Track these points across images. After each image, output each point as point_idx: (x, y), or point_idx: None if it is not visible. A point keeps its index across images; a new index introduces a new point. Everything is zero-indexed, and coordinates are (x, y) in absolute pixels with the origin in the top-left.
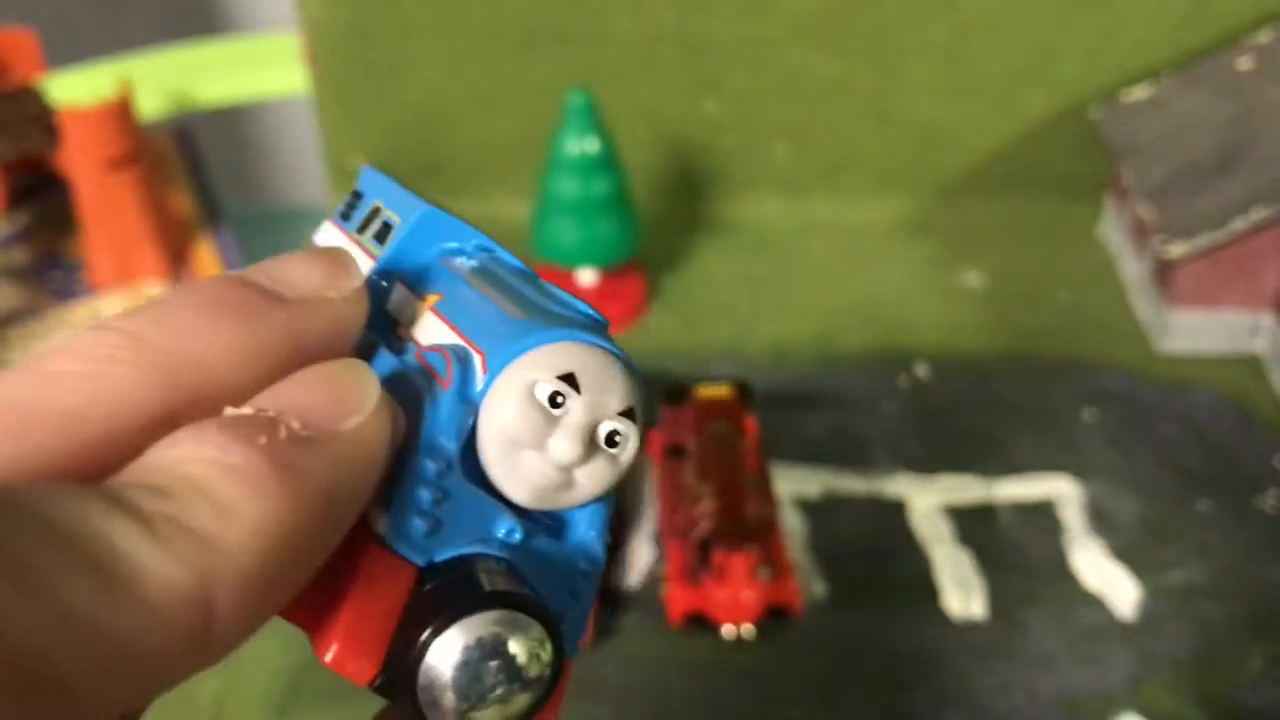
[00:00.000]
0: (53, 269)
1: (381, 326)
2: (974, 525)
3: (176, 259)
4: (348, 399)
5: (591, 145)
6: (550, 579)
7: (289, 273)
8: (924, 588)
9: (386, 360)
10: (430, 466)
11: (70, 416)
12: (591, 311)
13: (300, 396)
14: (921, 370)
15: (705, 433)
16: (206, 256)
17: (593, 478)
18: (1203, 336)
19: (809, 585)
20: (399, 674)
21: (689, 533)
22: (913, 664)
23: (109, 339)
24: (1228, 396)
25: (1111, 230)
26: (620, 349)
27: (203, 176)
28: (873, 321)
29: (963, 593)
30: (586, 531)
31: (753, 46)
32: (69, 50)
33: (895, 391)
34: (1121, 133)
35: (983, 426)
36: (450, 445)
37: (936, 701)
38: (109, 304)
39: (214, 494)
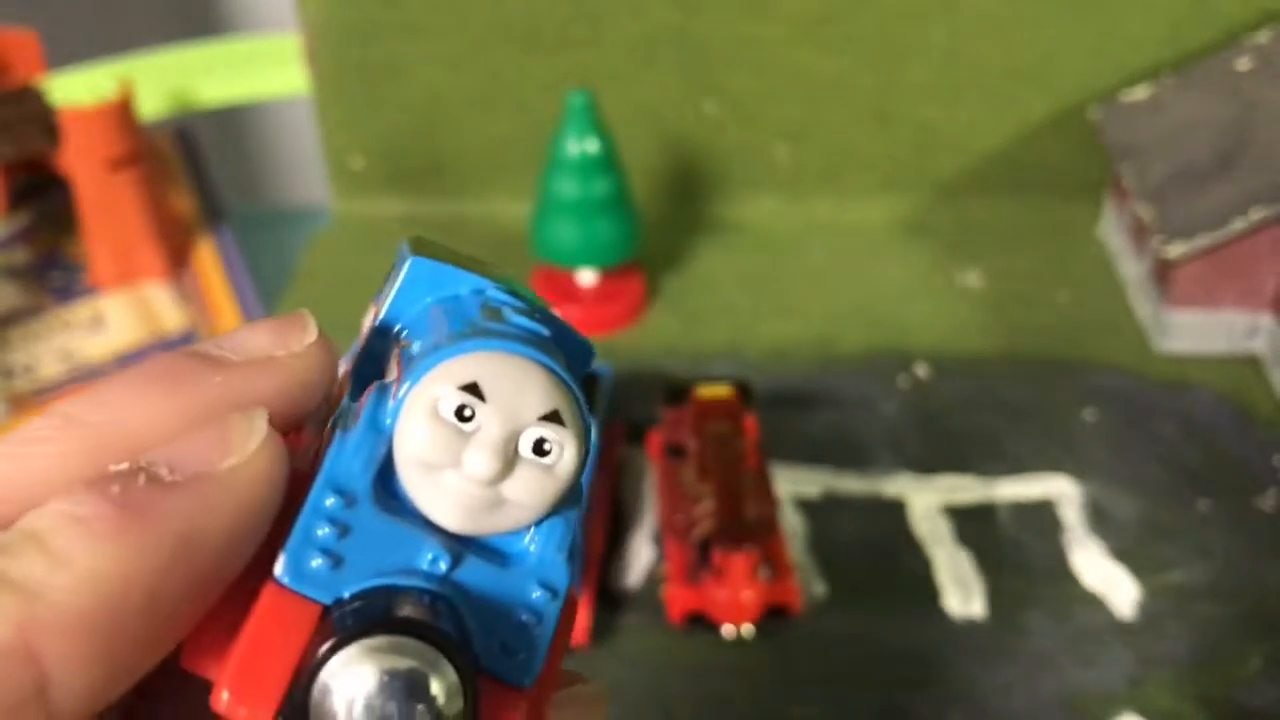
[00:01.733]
0: (53, 269)
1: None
2: (974, 525)
3: (177, 259)
4: (228, 442)
5: (591, 146)
6: (493, 607)
7: (238, 338)
8: (924, 588)
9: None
10: (329, 501)
11: None
12: (548, 329)
13: (183, 444)
14: (921, 370)
15: (705, 433)
16: (207, 256)
17: (526, 492)
18: (1202, 336)
19: (809, 585)
20: (294, 713)
21: (689, 533)
22: (912, 664)
23: (45, 422)
24: (1227, 396)
25: (1111, 230)
26: (547, 354)
27: (203, 177)
28: (872, 322)
29: (962, 593)
30: (545, 552)
31: (753, 46)
32: (70, 50)
33: (895, 392)
34: (1121, 133)
35: (982, 426)
36: (359, 479)
37: (936, 701)
38: (110, 304)
39: (49, 544)
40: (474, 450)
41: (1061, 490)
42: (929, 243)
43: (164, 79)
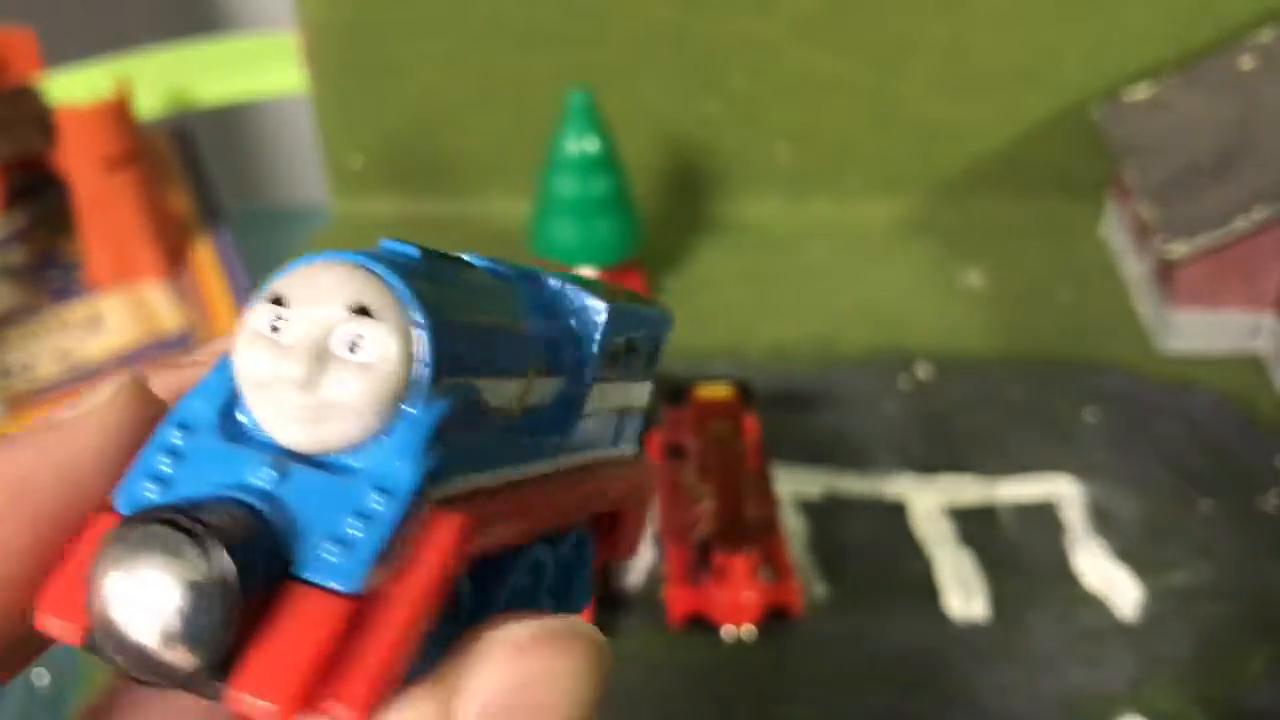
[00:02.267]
0: (51, 268)
1: None
2: (975, 526)
3: (175, 258)
4: (79, 398)
5: (591, 145)
6: (321, 515)
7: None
8: (925, 588)
9: None
10: (173, 436)
11: None
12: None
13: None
14: (922, 370)
15: (705, 433)
16: (205, 256)
17: (344, 391)
18: (1204, 336)
19: (810, 586)
20: (92, 622)
21: (689, 533)
22: (913, 665)
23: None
24: (1229, 396)
25: (1113, 230)
26: (375, 260)
27: (201, 176)
28: (873, 321)
29: (964, 593)
30: (385, 455)
31: (753, 46)
32: (67, 49)
33: (896, 392)
34: (1123, 132)
35: (984, 427)
36: (201, 411)
37: (937, 702)
38: (107, 303)
39: None
40: (282, 357)
41: (1063, 491)
42: (930, 242)
43: (162, 78)
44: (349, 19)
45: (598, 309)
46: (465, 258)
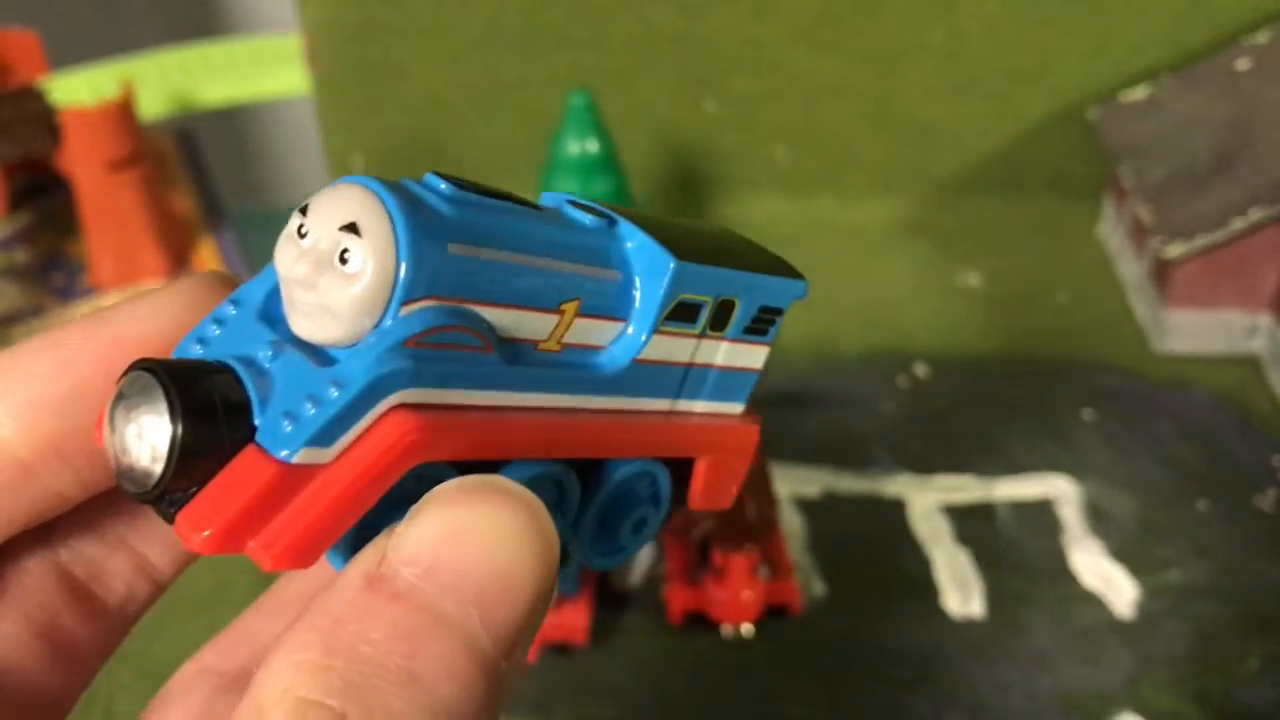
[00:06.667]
0: (55, 269)
1: None
2: (973, 525)
3: (178, 259)
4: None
5: (591, 145)
6: (290, 391)
7: None
8: (923, 587)
9: None
10: (225, 307)
11: None
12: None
13: None
14: (921, 370)
15: None
16: (208, 256)
17: (329, 294)
18: (1201, 337)
19: (808, 585)
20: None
21: (689, 532)
22: (912, 663)
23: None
24: (1226, 396)
25: (1110, 231)
26: (389, 189)
27: (204, 177)
28: (872, 321)
29: (961, 592)
30: (355, 359)
31: (753, 47)
32: (71, 51)
33: (894, 391)
34: (1120, 133)
35: (981, 426)
36: (251, 293)
37: (935, 700)
38: (111, 304)
39: None
40: (298, 258)
41: (1060, 490)
42: (929, 243)
43: (165, 79)
44: (351, 21)
45: (665, 264)
46: (535, 202)
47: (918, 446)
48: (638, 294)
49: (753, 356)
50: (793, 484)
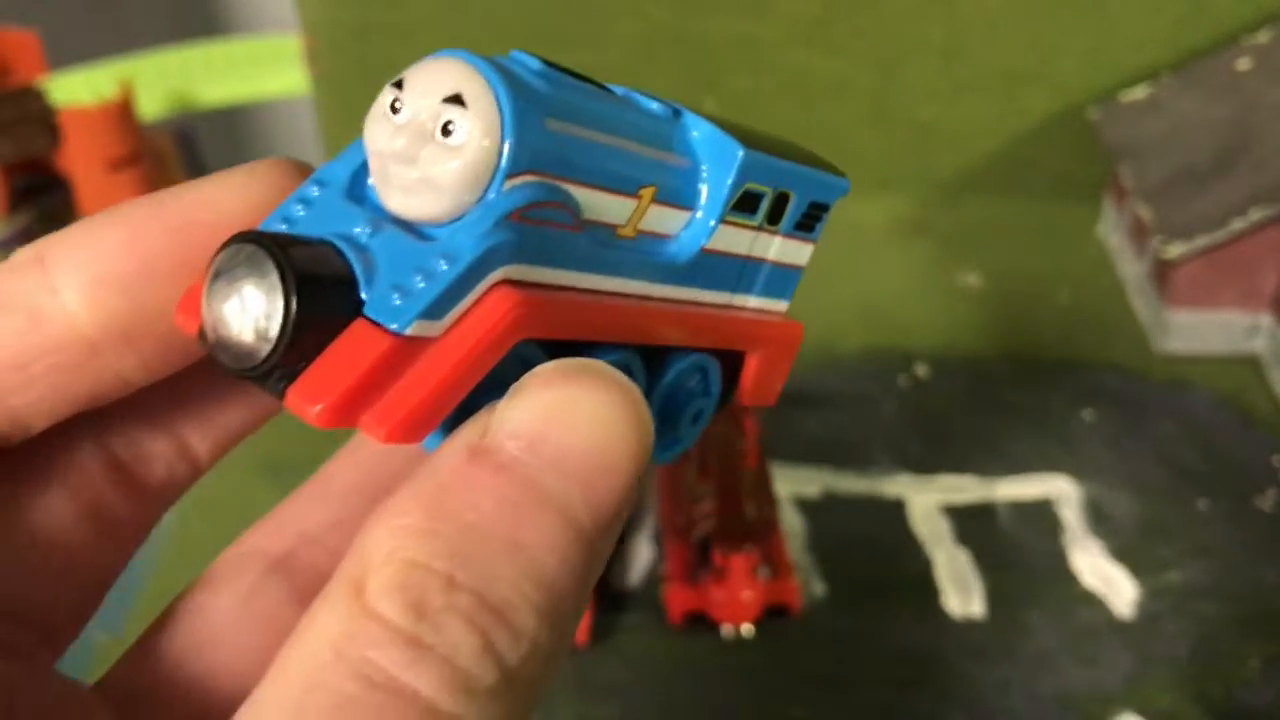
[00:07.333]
0: None
1: None
2: (973, 525)
3: None
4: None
5: None
6: (397, 267)
7: None
8: (923, 587)
9: None
10: (309, 188)
11: None
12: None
13: None
14: (921, 370)
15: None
16: None
17: (432, 167)
18: (1201, 337)
19: (808, 585)
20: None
21: (689, 533)
22: (912, 663)
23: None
24: (1226, 396)
25: (1110, 231)
26: (486, 61)
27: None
28: (872, 321)
29: (962, 592)
30: (458, 229)
31: (753, 46)
32: (71, 51)
33: (894, 391)
34: (1120, 133)
35: (982, 426)
36: (335, 173)
37: (936, 701)
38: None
39: None
40: (394, 133)
41: (1061, 490)
42: (929, 243)
43: (164, 79)
44: (351, 21)
45: (733, 152)
46: (607, 86)
47: (918, 446)
48: (704, 184)
49: (801, 253)
50: (793, 484)
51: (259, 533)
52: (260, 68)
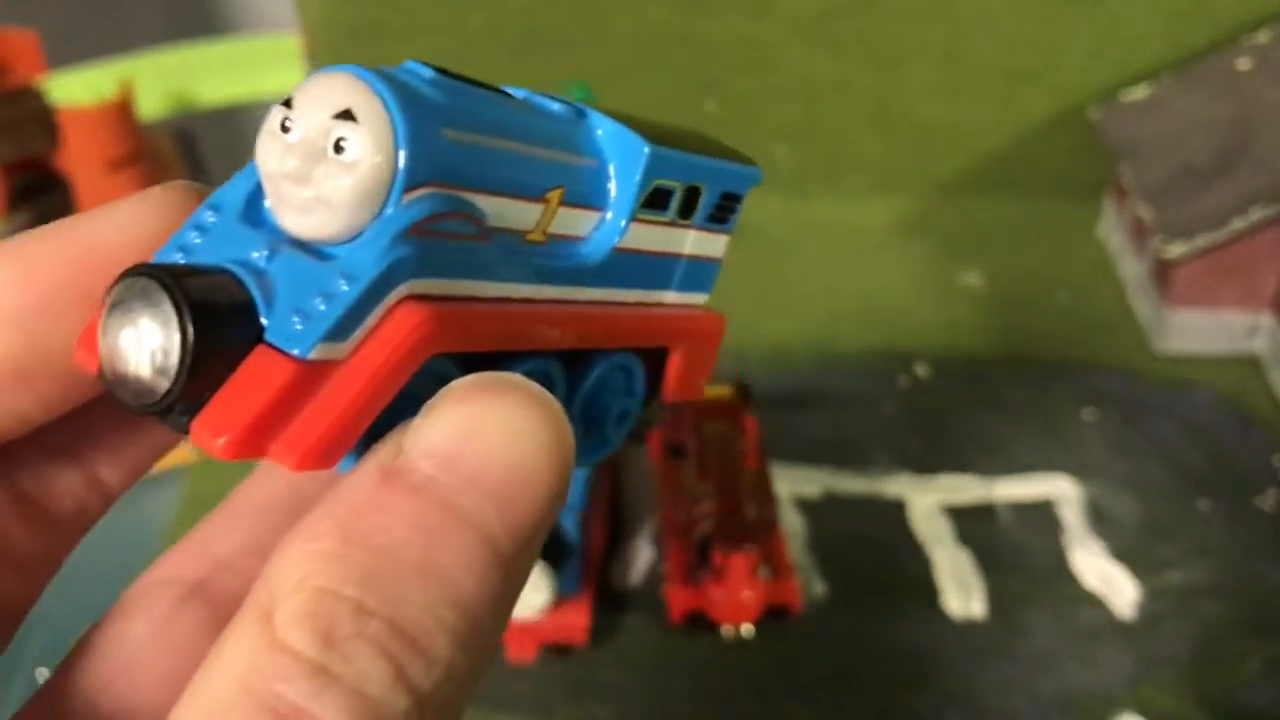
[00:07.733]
0: None
1: None
2: (973, 525)
3: None
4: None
5: None
6: (296, 290)
7: None
8: (924, 587)
9: None
10: (204, 214)
11: None
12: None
13: None
14: (921, 370)
15: (705, 433)
16: None
17: (330, 185)
18: (1202, 337)
19: (808, 585)
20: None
21: (689, 533)
22: (912, 664)
23: None
24: (1227, 396)
25: (1111, 230)
26: (377, 75)
27: (203, 177)
28: (872, 321)
29: (962, 592)
30: (360, 252)
31: (753, 46)
32: (70, 51)
33: (895, 391)
34: (1120, 133)
35: (982, 426)
36: (230, 197)
37: (936, 701)
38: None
39: None
40: (285, 153)
41: (1061, 490)
42: (929, 243)
43: (164, 79)
44: (350, 20)
45: (639, 149)
46: (505, 89)
47: (918, 446)
48: (612, 183)
49: (716, 245)
50: (793, 484)
51: (175, 557)
52: (260, 67)
